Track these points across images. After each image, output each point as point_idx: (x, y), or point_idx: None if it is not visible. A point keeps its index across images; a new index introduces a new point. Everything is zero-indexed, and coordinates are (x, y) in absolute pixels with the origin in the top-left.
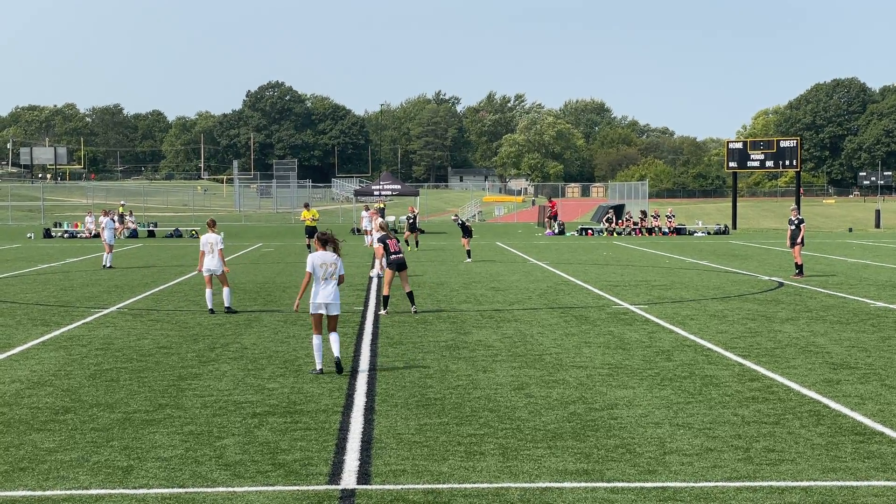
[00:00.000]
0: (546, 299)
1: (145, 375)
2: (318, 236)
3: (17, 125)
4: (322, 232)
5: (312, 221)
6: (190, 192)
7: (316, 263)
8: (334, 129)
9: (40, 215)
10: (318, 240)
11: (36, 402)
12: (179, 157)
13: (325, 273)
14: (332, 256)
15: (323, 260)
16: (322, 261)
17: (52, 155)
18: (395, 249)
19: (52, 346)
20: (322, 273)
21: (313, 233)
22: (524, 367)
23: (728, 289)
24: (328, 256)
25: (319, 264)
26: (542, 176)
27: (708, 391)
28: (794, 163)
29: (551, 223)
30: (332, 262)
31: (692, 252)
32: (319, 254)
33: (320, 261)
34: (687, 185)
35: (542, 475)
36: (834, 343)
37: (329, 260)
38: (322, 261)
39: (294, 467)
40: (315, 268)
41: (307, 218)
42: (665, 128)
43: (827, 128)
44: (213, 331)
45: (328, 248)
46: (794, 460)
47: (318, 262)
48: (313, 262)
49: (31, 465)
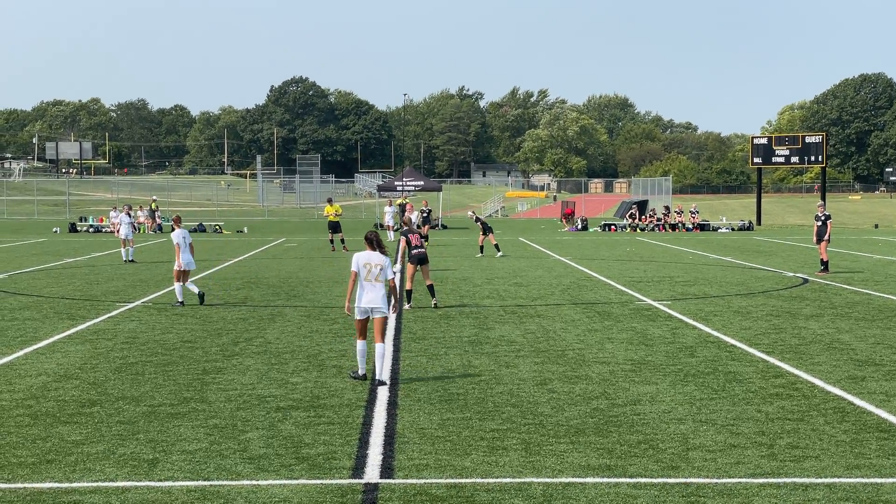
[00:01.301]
0: (569, 295)
1: (170, 369)
2: (366, 236)
3: (42, 120)
4: (369, 231)
5: (335, 217)
6: (213, 187)
7: (360, 263)
8: (357, 125)
9: (66, 210)
10: (366, 240)
11: (62, 395)
12: (203, 152)
13: (368, 274)
14: (379, 257)
15: (368, 260)
16: (367, 260)
17: (77, 150)
18: (417, 244)
19: (79, 339)
20: (366, 274)
21: (336, 228)
22: (547, 362)
23: (752, 285)
24: (374, 257)
25: (363, 264)
26: (565, 171)
27: (731, 387)
28: (819, 158)
29: (568, 221)
30: (378, 262)
31: (716, 248)
32: (365, 253)
33: (364, 260)
34: (711, 180)
35: (565, 470)
36: (859, 340)
37: (374, 261)
38: (367, 260)
39: (318, 461)
40: (360, 268)
41: (330, 213)
42: (689, 123)
43: (853, 123)
44: (237, 325)
45: (375, 248)
46: (817, 457)
47: (363, 262)
48: (358, 261)
49: (57, 457)
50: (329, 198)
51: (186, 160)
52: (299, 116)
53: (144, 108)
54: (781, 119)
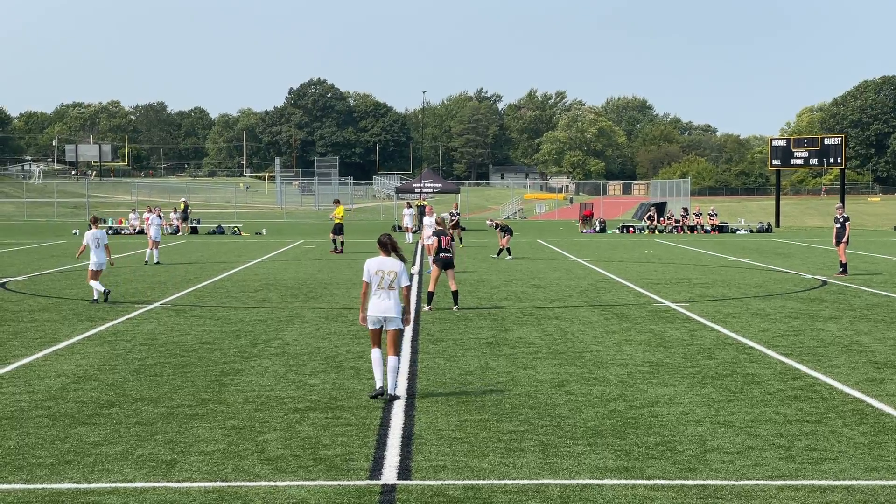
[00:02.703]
0: (587, 297)
1: (188, 370)
2: (379, 240)
3: (62, 122)
4: (383, 234)
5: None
6: (232, 189)
7: (371, 270)
8: (376, 127)
9: (85, 212)
10: (379, 244)
11: (81, 396)
12: (222, 155)
13: (382, 281)
14: (393, 263)
15: (380, 266)
16: (378, 267)
17: (96, 152)
18: (445, 246)
19: (97, 340)
20: (378, 281)
21: (340, 230)
22: (564, 364)
23: (770, 287)
24: (387, 263)
25: (375, 271)
26: (583, 173)
27: (749, 389)
28: (838, 160)
29: (587, 223)
30: (391, 269)
31: (734, 250)
32: (377, 259)
33: (376, 267)
34: (729, 182)
35: (582, 472)
36: (878, 342)
37: (388, 267)
38: (378, 267)
39: (335, 462)
40: (371, 275)
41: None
42: (707, 125)
43: (873, 125)
44: (255, 327)
45: (390, 253)
46: (836, 459)
47: (374, 269)
48: (369, 269)
49: (76, 458)
50: (336, 199)
51: (205, 162)
52: (318, 119)
53: (164, 110)
54: (801, 121)
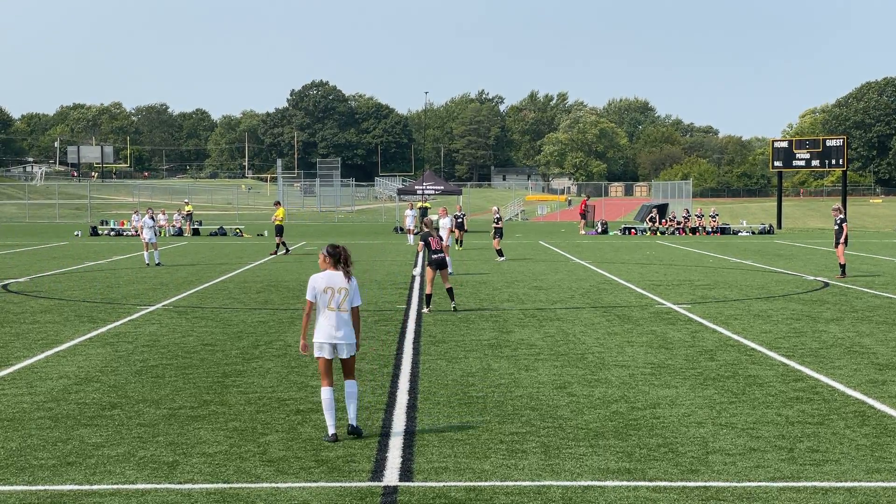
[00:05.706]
0: (589, 298)
1: (190, 372)
2: (328, 250)
3: (64, 124)
4: (332, 245)
5: (280, 221)
6: (234, 191)
7: (319, 288)
8: (377, 128)
9: (87, 213)
10: (329, 254)
11: (83, 398)
12: (224, 156)
13: (331, 301)
14: (343, 279)
15: (328, 283)
16: (327, 284)
17: (98, 153)
18: (437, 248)
19: (99, 342)
20: (328, 301)
21: (281, 231)
22: (566, 365)
23: (772, 289)
24: (337, 279)
25: (323, 289)
26: (585, 175)
27: (751, 391)
28: (840, 162)
29: (584, 220)
30: (342, 286)
31: (736, 251)
32: (324, 275)
33: (324, 284)
34: (731, 184)
35: (584, 474)
36: (880, 343)
37: (338, 284)
38: (327, 284)
39: (337, 464)
40: (317, 294)
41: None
42: (709, 126)
43: (875, 127)
44: (257, 328)
45: (339, 266)
46: (838, 461)
47: (322, 287)
48: (315, 286)
49: (78, 459)
50: (277, 200)
51: (207, 164)
52: (320, 120)
53: (165, 111)
54: (803, 122)
